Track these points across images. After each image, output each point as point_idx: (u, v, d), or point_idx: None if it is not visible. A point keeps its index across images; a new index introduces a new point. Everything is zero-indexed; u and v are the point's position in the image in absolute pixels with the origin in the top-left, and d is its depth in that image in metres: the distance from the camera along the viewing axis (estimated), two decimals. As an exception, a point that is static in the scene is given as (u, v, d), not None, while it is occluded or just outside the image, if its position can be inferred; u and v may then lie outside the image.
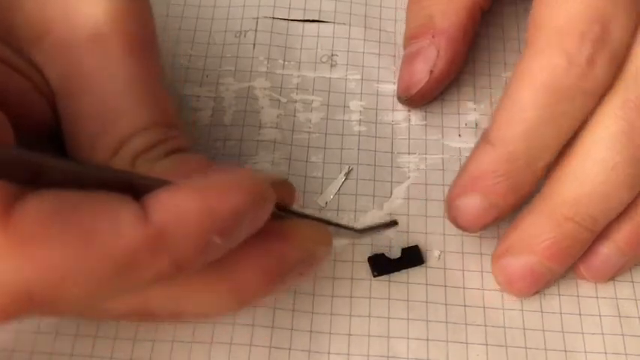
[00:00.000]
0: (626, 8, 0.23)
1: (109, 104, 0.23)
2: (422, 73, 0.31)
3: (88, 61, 0.23)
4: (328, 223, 0.24)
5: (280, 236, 0.22)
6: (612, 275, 0.28)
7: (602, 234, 0.27)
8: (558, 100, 0.24)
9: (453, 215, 0.28)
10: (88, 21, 0.23)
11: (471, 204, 0.26)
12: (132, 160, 0.23)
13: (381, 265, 0.29)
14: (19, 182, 0.17)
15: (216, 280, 0.21)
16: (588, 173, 0.25)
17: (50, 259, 0.16)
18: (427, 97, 0.32)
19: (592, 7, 0.23)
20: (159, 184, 0.18)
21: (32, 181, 0.17)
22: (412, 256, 0.29)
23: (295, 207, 0.25)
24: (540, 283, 0.28)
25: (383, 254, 0.29)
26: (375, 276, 0.29)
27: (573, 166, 0.25)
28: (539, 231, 0.26)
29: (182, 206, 0.18)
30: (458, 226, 0.28)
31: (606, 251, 0.27)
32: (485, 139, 0.26)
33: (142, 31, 0.24)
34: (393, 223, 0.29)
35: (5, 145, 0.17)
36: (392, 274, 0.29)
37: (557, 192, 0.26)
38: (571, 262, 0.27)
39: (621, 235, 0.27)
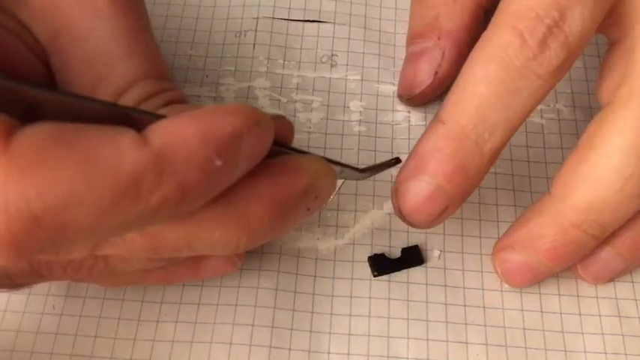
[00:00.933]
0: (586, 2, 0.23)
1: (101, 57, 0.23)
2: (426, 73, 0.31)
3: (76, 15, 0.23)
4: (330, 161, 0.24)
5: (283, 167, 0.22)
6: (612, 278, 0.28)
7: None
8: (510, 77, 0.23)
9: (397, 203, 0.26)
10: None
11: (418, 188, 0.25)
12: None
13: (381, 265, 0.29)
14: (15, 115, 0.17)
15: (225, 215, 0.21)
16: (602, 180, 0.24)
17: (52, 182, 0.16)
18: (428, 97, 0.32)
19: None
20: (156, 118, 0.18)
21: (27, 114, 0.17)
22: (412, 256, 0.29)
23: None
24: (538, 279, 0.28)
25: (383, 254, 0.29)
26: (375, 276, 0.29)
27: (586, 169, 0.24)
28: (544, 232, 0.26)
29: (180, 129, 0.18)
30: (403, 216, 0.26)
31: (606, 256, 0.27)
32: (436, 118, 0.25)
33: None
34: (396, 161, 0.27)
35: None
36: (392, 274, 0.29)
37: (567, 194, 0.25)
38: (572, 263, 0.27)
39: (621, 241, 0.27)
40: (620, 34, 0.26)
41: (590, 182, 0.24)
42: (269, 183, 0.21)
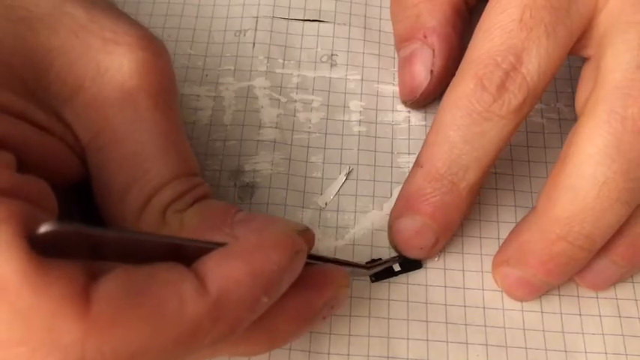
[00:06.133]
0: (540, 41, 0.24)
1: (138, 157, 0.24)
2: (423, 74, 0.31)
3: (118, 116, 0.24)
4: (340, 262, 0.26)
5: (309, 284, 0.23)
6: (610, 285, 0.28)
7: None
8: (474, 121, 0.25)
9: (392, 238, 0.29)
10: (117, 76, 0.24)
11: (407, 225, 0.28)
12: (162, 211, 0.24)
13: (379, 271, 0.29)
14: (81, 256, 0.18)
15: (252, 332, 0.22)
16: (579, 190, 0.24)
17: (126, 338, 0.18)
18: (431, 96, 0.32)
19: (508, 41, 0.25)
20: (206, 246, 0.20)
21: (92, 250, 0.18)
22: (410, 261, 0.29)
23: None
24: (539, 293, 0.28)
25: (380, 259, 0.29)
26: (372, 281, 0.29)
27: (564, 180, 0.25)
28: (534, 247, 0.26)
29: (234, 273, 0.19)
30: (398, 249, 0.29)
31: (600, 264, 0.27)
32: (416, 161, 0.27)
33: (165, 85, 0.25)
34: (399, 258, 0.29)
35: (68, 222, 0.18)
36: (392, 275, 0.29)
37: (550, 207, 0.25)
38: (569, 276, 0.27)
39: (614, 249, 0.26)
40: (590, 53, 0.26)
41: (568, 193, 0.24)
42: (295, 299, 0.23)
